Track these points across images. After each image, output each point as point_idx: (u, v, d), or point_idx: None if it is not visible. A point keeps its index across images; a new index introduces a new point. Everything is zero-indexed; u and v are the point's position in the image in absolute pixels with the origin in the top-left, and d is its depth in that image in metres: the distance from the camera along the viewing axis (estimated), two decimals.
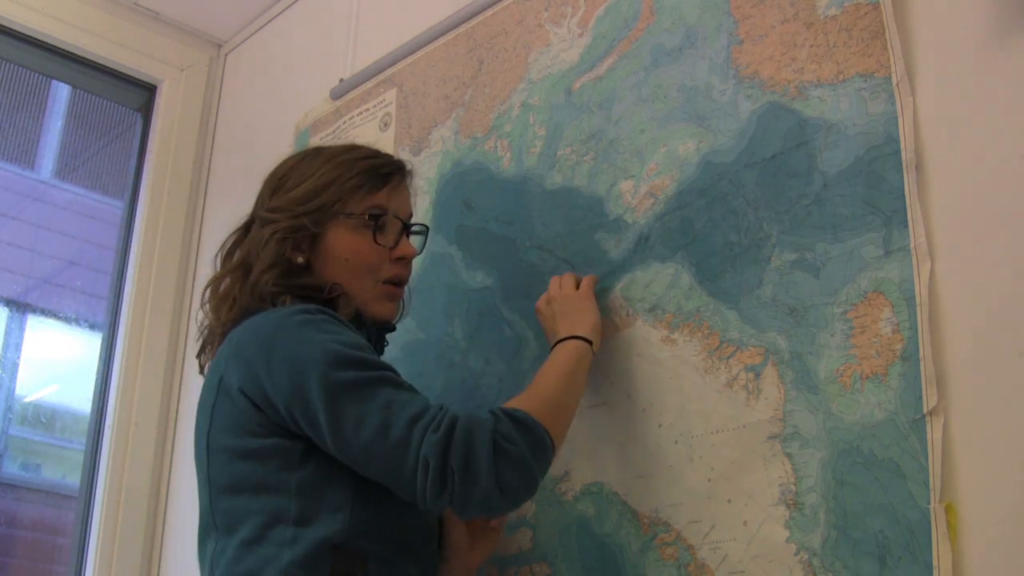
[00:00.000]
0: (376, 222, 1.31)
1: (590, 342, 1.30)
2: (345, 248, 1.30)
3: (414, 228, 1.41)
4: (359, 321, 1.29)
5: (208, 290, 1.34)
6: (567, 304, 1.35)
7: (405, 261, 1.35)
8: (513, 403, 1.17)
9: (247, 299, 1.27)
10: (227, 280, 1.32)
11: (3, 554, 2.51)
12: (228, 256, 1.36)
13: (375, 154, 1.37)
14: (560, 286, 1.39)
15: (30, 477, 2.63)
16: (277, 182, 1.35)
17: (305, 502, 1.13)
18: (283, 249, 1.28)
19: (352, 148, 1.38)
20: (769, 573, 1.13)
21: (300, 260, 1.29)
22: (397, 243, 1.33)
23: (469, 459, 1.06)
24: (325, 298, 1.27)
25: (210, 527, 1.21)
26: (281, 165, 1.38)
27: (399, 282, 1.35)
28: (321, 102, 2.14)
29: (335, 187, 1.30)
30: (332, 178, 1.30)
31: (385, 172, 1.34)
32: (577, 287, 1.38)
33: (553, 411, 1.19)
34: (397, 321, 1.41)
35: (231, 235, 1.38)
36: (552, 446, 1.15)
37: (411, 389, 1.15)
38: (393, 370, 1.17)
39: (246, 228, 1.36)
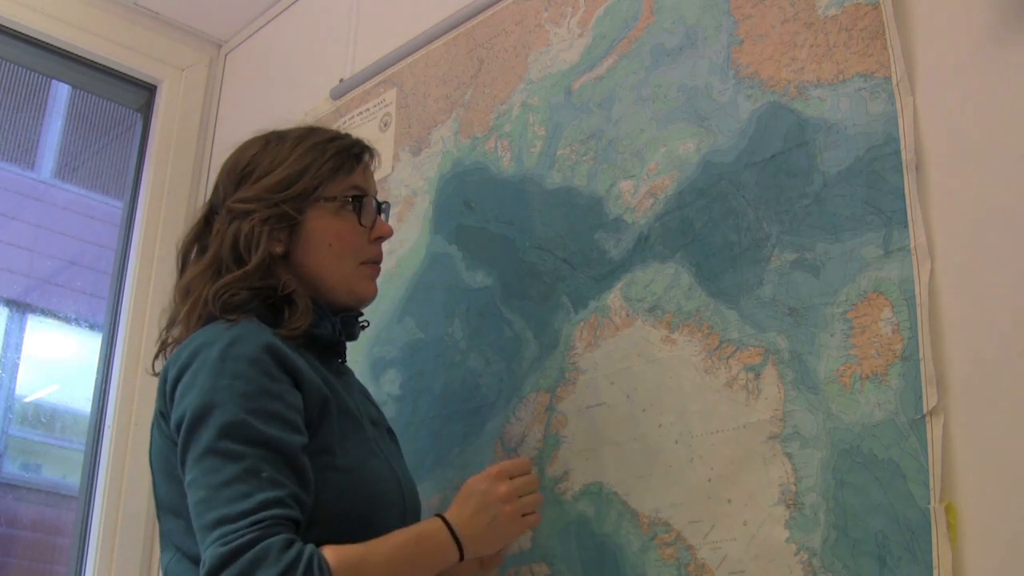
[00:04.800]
0: (359, 203, 1.30)
1: (454, 535, 1.18)
2: (328, 232, 1.28)
3: (382, 207, 1.39)
4: (320, 313, 1.27)
5: (177, 292, 1.28)
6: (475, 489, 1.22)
7: (381, 241, 1.35)
8: (345, 551, 1.08)
9: (213, 308, 1.22)
10: (197, 281, 1.26)
11: (3, 554, 2.51)
12: (187, 254, 1.31)
13: (339, 135, 1.35)
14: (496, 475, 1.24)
15: (30, 477, 2.63)
16: (242, 172, 1.30)
17: None
18: (269, 241, 1.25)
19: (314, 130, 1.34)
20: (769, 573, 1.13)
21: (279, 250, 1.26)
22: (374, 223, 1.33)
23: None
24: (281, 295, 1.23)
25: (163, 539, 1.21)
26: (242, 153, 1.32)
27: (377, 261, 1.35)
28: (321, 102, 2.14)
29: (312, 171, 1.28)
30: (307, 163, 1.28)
31: (356, 152, 1.33)
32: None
33: None
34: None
35: (190, 231, 1.33)
36: None
37: (271, 480, 1.06)
38: (275, 445, 1.09)
39: (206, 222, 1.32)
